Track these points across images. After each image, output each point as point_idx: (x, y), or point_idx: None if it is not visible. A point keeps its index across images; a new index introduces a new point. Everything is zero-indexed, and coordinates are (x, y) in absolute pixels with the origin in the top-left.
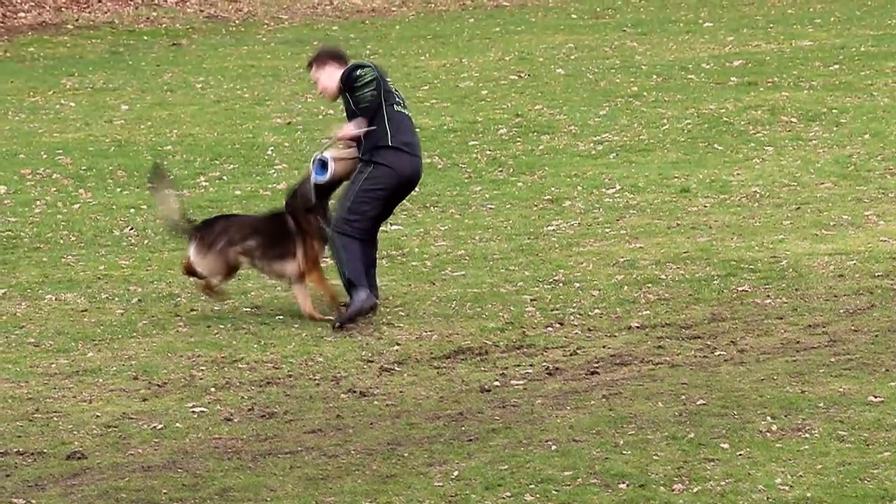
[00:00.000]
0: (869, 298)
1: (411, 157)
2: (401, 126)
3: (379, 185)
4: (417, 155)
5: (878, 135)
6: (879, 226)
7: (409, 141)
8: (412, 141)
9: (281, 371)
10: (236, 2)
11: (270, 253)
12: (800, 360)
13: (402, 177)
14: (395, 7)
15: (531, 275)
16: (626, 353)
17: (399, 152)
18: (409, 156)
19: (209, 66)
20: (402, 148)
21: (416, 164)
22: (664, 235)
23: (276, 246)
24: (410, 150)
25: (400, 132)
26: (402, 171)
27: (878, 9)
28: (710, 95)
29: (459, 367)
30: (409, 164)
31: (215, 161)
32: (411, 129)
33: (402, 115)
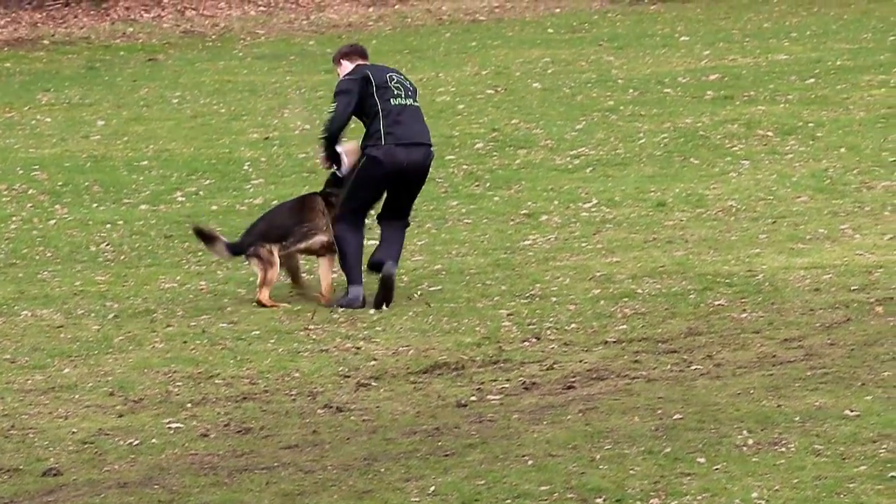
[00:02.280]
0: (845, 312)
1: (405, 148)
2: (397, 117)
3: (367, 175)
4: (414, 143)
5: (853, 148)
6: (855, 239)
7: (405, 132)
8: (408, 132)
9: (257, 386)
10: (213, 17)
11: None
12: (776, 374)
13: (392, 165)
14: (371, 22)
15: (508, 289)
16: (603, 368)
17: (391, 146)
18: (403, 147)
19: (185, 81)
20: (394, 142)
21: (411, 153)
22: (640, 250)
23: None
24: (404, 141)
25: (395, 124)
26: (391, 160)
27: (854, 22)
28: (686, 109)
29: (436, 382)
30: (399, 153)
31: (192, 176)
32: (409, 120)
33: (400, 106)
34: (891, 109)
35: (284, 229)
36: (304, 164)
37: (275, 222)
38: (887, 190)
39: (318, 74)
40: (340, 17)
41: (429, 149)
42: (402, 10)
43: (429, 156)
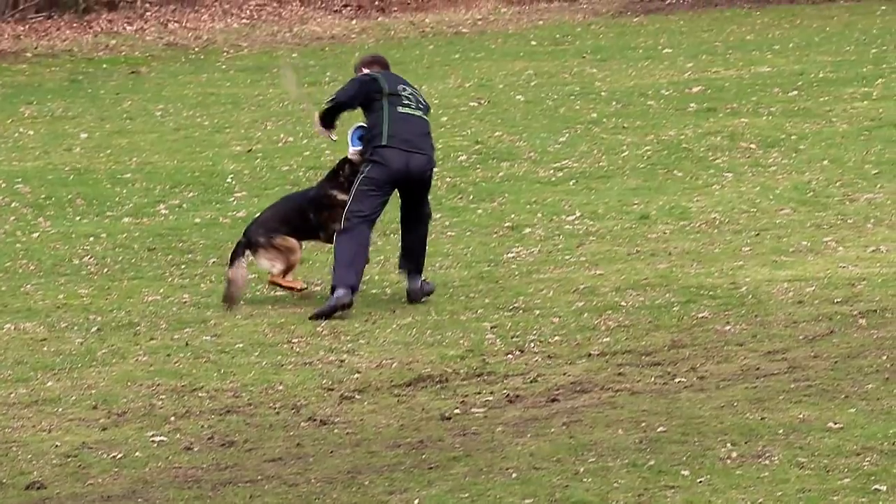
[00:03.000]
0: (828, 325)
1: (407, 153)
2: (402, 125)
3: (372, 180)
4: (416, 151)
5: (836, 161)
6: (838, 252)
7: (408, 138)
8: (411, 138)
9: (241, 399)
10: (196, 29)
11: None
12: (759, 386)
13: (396, 171)
14: (354, 34)
15: (491, 302)
16: (587, 381)
17: (393, 149)
18: (404, 152)
19: (168, 94)
20: (396, 145)
21: (412, 158)
22: (624, 262)
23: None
24: (406, 146)
25: (399, 131)
26: (394, 165)
27: (837, 35)
28: (669, 122)
29: (420, 394)
30: (403, 158)
31: (175, 189)
32: (414, 129)
33: (407, 115)
34: (873, 122)
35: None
36: (288, 177)
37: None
38: (870, 202)
39: (300, 87)
40: (323, 29)
41: (429, 159)
42: (385, 22)
43: (430, 163)
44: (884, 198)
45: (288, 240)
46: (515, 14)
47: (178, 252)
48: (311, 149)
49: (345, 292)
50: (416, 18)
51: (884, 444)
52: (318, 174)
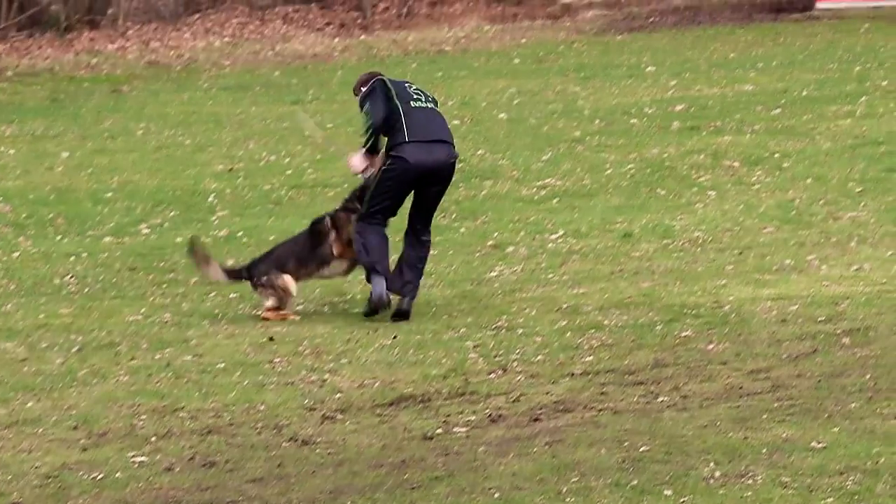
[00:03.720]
0: (812, 343)
1: (427, 146)
2: (418, 119)
3: (392, 175)
4: (437, 140)
5: (820, 179)
6: (822, 270)
7: (426, 131)
8: (430, 130)
9: (222, 420)
10: (177, 48)
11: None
12: (743, 405)
13: (417, 165)
14: (336, 52)
15: (474, 321)
16: (569, 400)
17: (413, 144)
18: (424, 144)
19: (150, 113)
20: (416, 140)
21: (434, 149)
22: (607, 281)
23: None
24: (427, 138)
25: (417, 125)
26: (415, 160)
27: (820, 53)
28: (652, 140)
29: (402, 414)
30: (423, 152)
31: (156, 208)
32: (431, 120)
33: (421, 109)
34: (857, 140)
35: (300, 259)
36: (270, 196)
37: (294, 251)
38: (854, 221)
39: (283, 105)
40: (306, 47)
41: (451, 147)
42: (367, 40)
43: (452, 154)
44: (867, 216)
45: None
46: (498, 32)
47: (160, 271)
48: (293, 168)
49: (379, 290)
50: (398, 37)
51: (867, 463)
52: (300, 193)
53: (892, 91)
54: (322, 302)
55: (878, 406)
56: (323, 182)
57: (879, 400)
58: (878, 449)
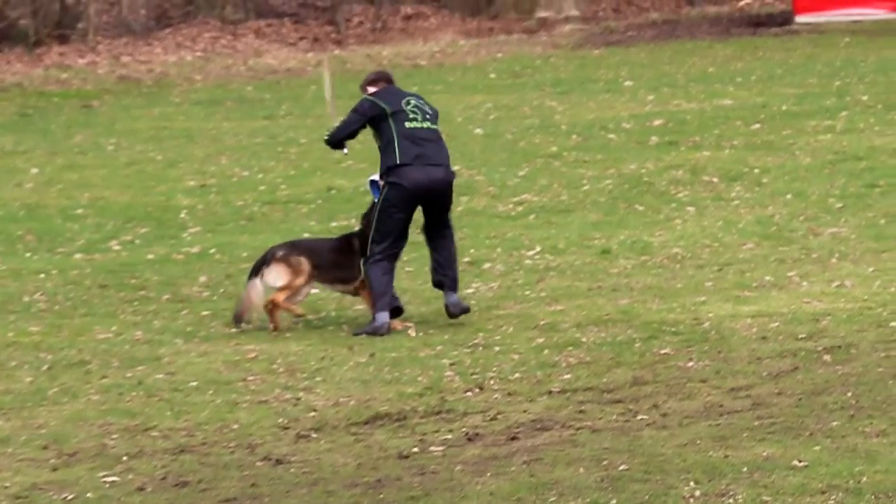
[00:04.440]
0: (792, 361)
1: (423, 168)
2: (412, 141)
3: (392, 203)
4: (432, 164)
5: (800, 195)
6: (802, 287)
7: (421, 153)
8: (423, 152)
9: (195, 439)
10: (149, 63)
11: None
12: (723, 423)
13: (416, 188)
14: (310, 67)
15: (450, 338)
16: (547, 418)
17: (407, 167)
18: (419, 167)
19: (121, 128)
20: (410, 162)
21: (430, 172)
22: (585, 298)
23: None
24: (420, 161)
25: (411, 147)
26: (412, 184)
27: (799, 67)
28: (630, 155)
29: (377, 433)
30: (419, 175)
31: (127, 224)
32: (426, 141)
33: (415, 129)
34: (837, 155)
35: (323, 262)
36: (242, 212)
37: (315, 251)
38: (834, 236)
39: (255, 120)
40: (279, 62)
41: (448, 169)
42: (341, 55)
43: (449, 174)
44: (848, 232)
45: (303, 262)
46: (474, 46)
47: (131, 289)
48: (266, 183)
49: (383, 319)
50: (372, 51)
51: (849, 482)
52: (274, 209)
53: (872, 106)
54: (296, 319)
55: (860, 424)
56: (297, 198)
57: (861, 418)
58: (861, 468)
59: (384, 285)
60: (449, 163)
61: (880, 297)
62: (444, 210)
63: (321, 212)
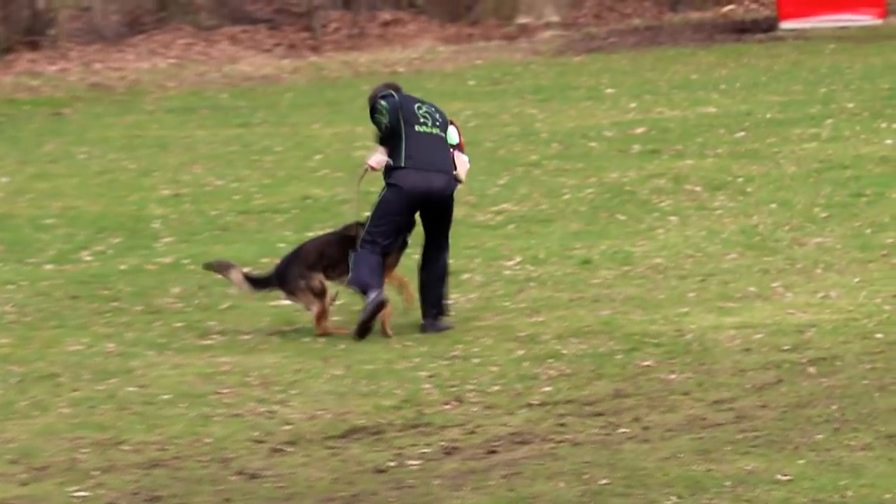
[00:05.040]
0: (776, 373)
1: (424, 174)
2: (420, 145)
3: (390, 204)
4: (435, 170)
5: (784, 204)
6: (787, 298)
7: (426, 159)
8: (430, 159)
9: (167, 453)
10: (121, 69)
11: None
12: (706, 437)
13: (413, 193)
14: (286, 74)
15: (428, 350)
16: (527, 431)
17: (410, 170)
18: (421, 172)
19: (92, 136)
20: (414, 167)
21: (432, 179)
22: (566, 309)
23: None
24: (423, 167)
25: (417, 151)
26: (411, 187)
27: (784, 74)
28: (612, 164)
29: (353, 446)
30: (419, 180)
31: (99, 234)
32: (433, 147)
33: (423, 135)
34: (822, 163)
35: (332, 259)
36: (217, 222)
37: (326, 252)
38: (820, 247)
39: (230, 128)
40: (254, 69)
41: (449, 178)
42: (317, 62)
43: (450, 184)
44: (834, 242)
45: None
46: (453, 53)
47: (103, 300)
48: (241, 193)
49: (377, 292)
50: (349, 58)
51: (834, 496)
52: (249, 219)
53: (858, 113)
54: (270, 331)
55: (846, 437)
56: (272, 207)
57: (846, 431)
58: (846, 482)
59: (370, 274)
60: (452, 172)
61: (866, 309)
62: (442, 222)
63: (297, 221)
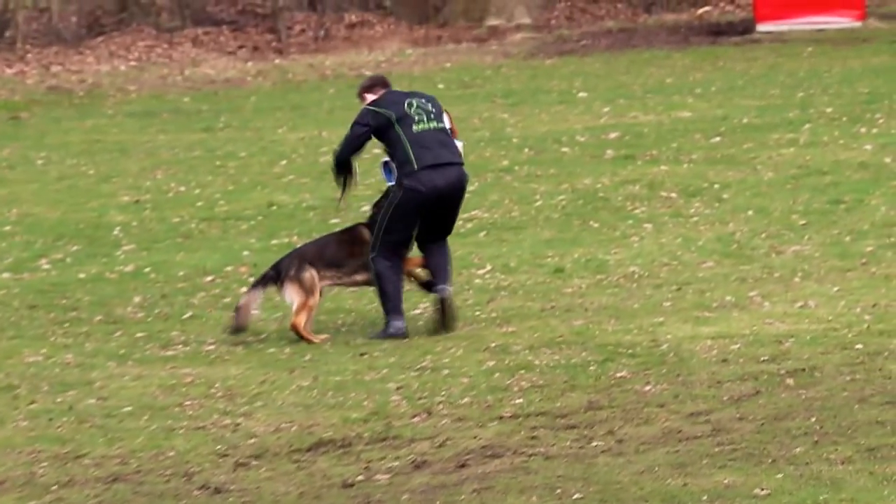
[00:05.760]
0: (754, 384)
1: (438, 171)
2: (423, 144)
3: (403, 206)
4: (445, 164)
5: (762, 211)
6: (764, 307)
7: (434, 156)
8: (436, 154)
9: (129, 467)
10: (80, 72)
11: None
12: (682, 450)
13: (430, 192)
14: (249, 77)
15: (396, 361)
16: (498, 445)
17: (423, 172)
18: (435, 170)
19: (51, 141)
20: (426, 167)
21: (445, 174)
22: (538, 319)
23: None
24: (435, 163)
25: (423, 151)
26: (429, 187)
27: (761, 78)
28: (585, 169)
29: (320, 460)
30: (436, 177)
31: (58, 242)
32: (435, 142)
33: (423, 132)
34: (800, 169)
35: (336, 260)
36: (178, 229)
37: (325, 251)
38: (798, 255)
39: (192, 133)
40: (217, 72)
41: (461, 167)
42: (282, 64)
43: (462, 174)
44: (812, 250)
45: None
46: (421, 56)
47: (62, 309)
48: (204, 199)
49: (399, 325)
50: (315, 60)
51: None
52: (212, 226)
53: (837, 118)
54: (235, 342)
55: (825, 450)
56: (236, 214)
57: (826, 444)
58: (825, 496)
59: (394, 287)
60: (461, 160)
61: (845, 318)
62: (452, 213)
63: (262, 228)
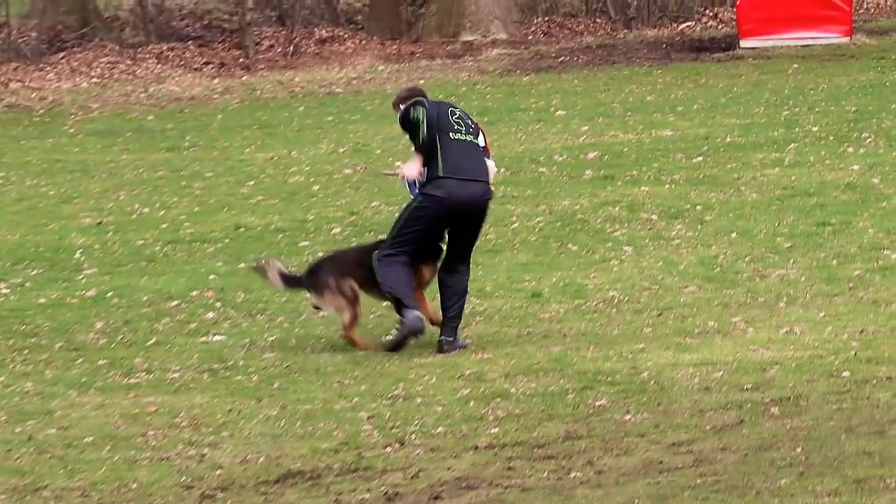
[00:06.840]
0: (737, 413)
1: (463, 182)
2: (455, 153)
3: (422, 212)
4: (472, 178)
5: (745, 233)
6: (748, 333)
7: (462, 166)
8: (466, 166)
9: (90, 499)
10: (40, 90)
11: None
12: (663, 481)
13: (452, 201)
14: (216, 94)
15: (368, 389)
16: (473, 476)
17: (447, 180)
18: (461, 181)
19: (9, 161)
20: (451, 176)
21: (468, 187)
22: (514, 345)
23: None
24: (462, 175)
25: (453, 160)
26: (451, 197)
27: (745, 96)
28: (563, 190)
29: (289, 492)
30: (459, 188)
31: (17, 266)
32: (468, 155)
33: (458, 142)
34: (785, 190)
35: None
36: (142, 252)
37: (361, 261)
38: (783, 279)
39: (157, 152)
40: (182, 89)
41: (486, 185)
42: (250, 81)
43: (487, 192)
44: (797, 274)
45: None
46: (394, 72)
47: (21, 336)
48: (168, 221)
49: (414, 318)
50: (284, 77)
51: None
52: (177, 249)
53: (823, 137)
54: (200, 368)
55: (810, 482)
56: (202, 237)
57: (811, 476)
58: None
59: (403, 283)
60: (489, 180)
61: (832, 345)
62: (474, 232)
63: (229, 251)
